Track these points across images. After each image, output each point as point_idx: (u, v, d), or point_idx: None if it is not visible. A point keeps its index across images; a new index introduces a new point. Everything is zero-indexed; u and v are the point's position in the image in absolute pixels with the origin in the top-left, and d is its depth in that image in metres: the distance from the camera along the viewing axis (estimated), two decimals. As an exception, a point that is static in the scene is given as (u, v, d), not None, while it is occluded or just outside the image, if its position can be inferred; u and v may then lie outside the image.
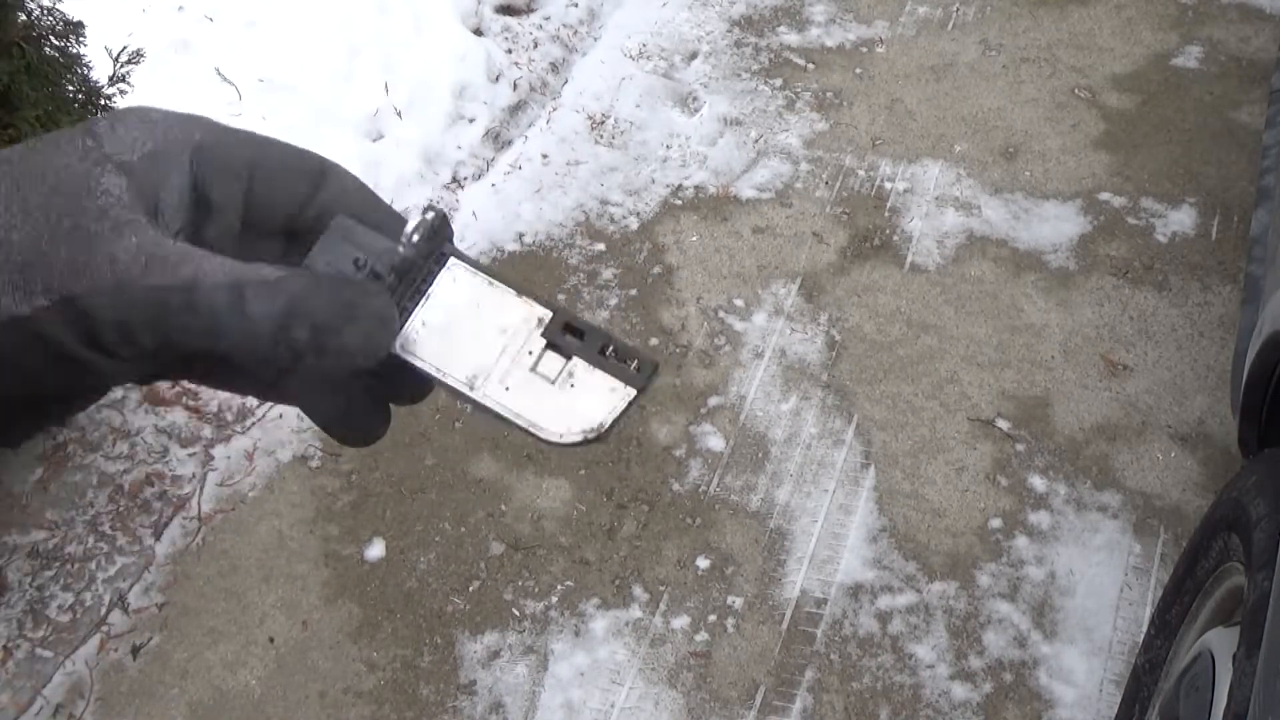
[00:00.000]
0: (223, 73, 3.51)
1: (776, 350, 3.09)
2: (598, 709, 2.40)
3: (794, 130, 3.76)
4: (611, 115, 3.83)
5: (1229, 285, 3.21)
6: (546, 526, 2.71)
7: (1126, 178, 3.56)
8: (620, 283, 3.28)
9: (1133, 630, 2.49)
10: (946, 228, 3.42)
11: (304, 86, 3.56)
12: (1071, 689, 2.41)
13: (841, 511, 2.73)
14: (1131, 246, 3.35)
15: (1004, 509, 2.72)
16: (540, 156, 3.68)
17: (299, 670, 2.47)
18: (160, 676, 2.46)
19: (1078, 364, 3.03)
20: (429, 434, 2.90)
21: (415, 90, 3.67)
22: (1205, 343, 3.08)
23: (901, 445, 2.86)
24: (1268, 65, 3.80)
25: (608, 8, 4.31)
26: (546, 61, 4.01)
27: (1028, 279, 3.26)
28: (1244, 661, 1.60)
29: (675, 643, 2.50)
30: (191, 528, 2.70)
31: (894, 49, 4.09)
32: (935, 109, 3.83)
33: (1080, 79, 3.92)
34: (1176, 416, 2.90)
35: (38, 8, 2.34)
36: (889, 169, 3.62)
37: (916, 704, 2.40)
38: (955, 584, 2.59)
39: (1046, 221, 3.43)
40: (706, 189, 3.57)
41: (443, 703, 2.42)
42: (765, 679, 2.44)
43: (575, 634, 2.52)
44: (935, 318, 3.16)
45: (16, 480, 2.71)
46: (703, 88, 3.93)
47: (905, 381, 3.00)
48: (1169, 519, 2.69)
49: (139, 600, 2.57)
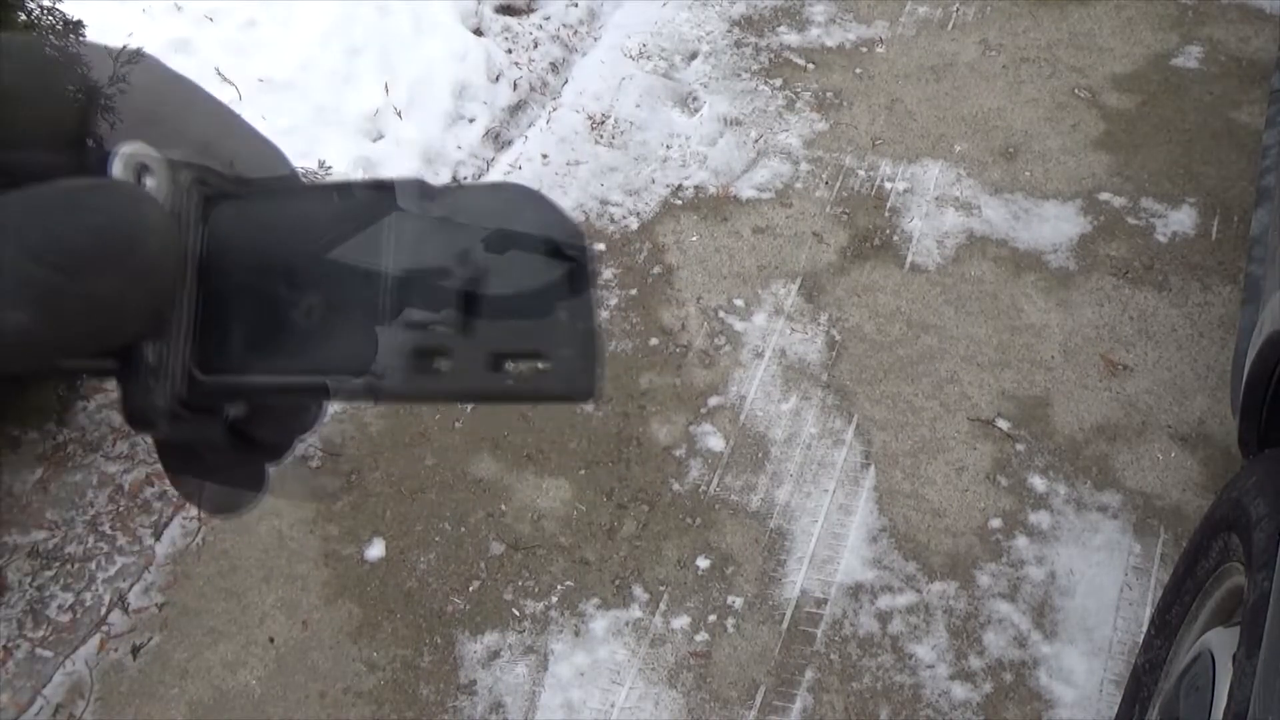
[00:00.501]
0: (223, 73, 3.51)
1: (776, 350, 3.09)
2: (598, 709, 2.40)
3: (794, 130, 3.76)
4: (611, 115, 3.83)
5: (1229, 285, 3.21)
6: (546, 526, 2.71)
7: (1126, 178, 3.56)
8: (620, 283, 3.28)
9: (1133, 630, 2.49)
10: (946, 228, 3.42)
11: (304, 86, 3.56)
12: (1071, 689, 2.41)
13: (841, 511, 2.73)
14: (1131, 246, 3.35)
15: (1004, 509, 2.72)
16: (540, 156, 3.68)
17: (299, 670, 2.47)
18: (160, 676, 2.46)
19: (1078, 364, 3.03)
20: (429, 434, 2.90)
21: (415, 90, 3.67)
22: (1205, 343, 3.08)
23: (901, 445, 2.86)
24: (1268, 65, 3.79)
25: (608, 8, 4.31)
26: (546, 61, 4.01)
27: (1028, 279, 3.26)
28: (1244, 661, 1.60)
29: (675, 643, 2.50)
30: (191, 528, 2.70)
31: (894, 49, 4.09)
32: (935, 109, 3.83)
33: (1080, 79, 3.92)
34: (1176, 416, 2.90)
35: (37, 7, 2.34)
36: (889, 169, 3.62)
37: (916, 704, 2.40)
38: (955, 584, 2.59)
39: (1046, 221, 3.43)
40: (706, 189, 3.57)
41: (443, 703, 2.42)
42: (765, 679, 2.44)
43: (575, 634, 2.52)
44: (935, 318, 3.16)
45: (16, 480, 2.71)
46: (703, 88, 3.93)
47: (905, 381, 3.00)
48: (1169, 519, 2.69)
49: (139, 600, 2.57)
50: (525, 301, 0.33)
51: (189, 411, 0.34)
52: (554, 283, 0.33)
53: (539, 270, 0.33)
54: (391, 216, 0.35)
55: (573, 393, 0.33)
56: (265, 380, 0.34)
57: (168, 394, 0.34)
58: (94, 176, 0.31)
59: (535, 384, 0.33)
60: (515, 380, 0.33)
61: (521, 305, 0.33)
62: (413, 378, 0.33)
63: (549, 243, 0.34)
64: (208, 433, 0.35)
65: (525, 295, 0.33)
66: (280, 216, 0.36)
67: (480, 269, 0.34)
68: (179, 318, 0.34)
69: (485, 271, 0.34)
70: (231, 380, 0.35)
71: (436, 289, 0.34)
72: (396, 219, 0.35)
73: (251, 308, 0.35)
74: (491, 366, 0.33)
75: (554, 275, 0.33)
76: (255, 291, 0.35)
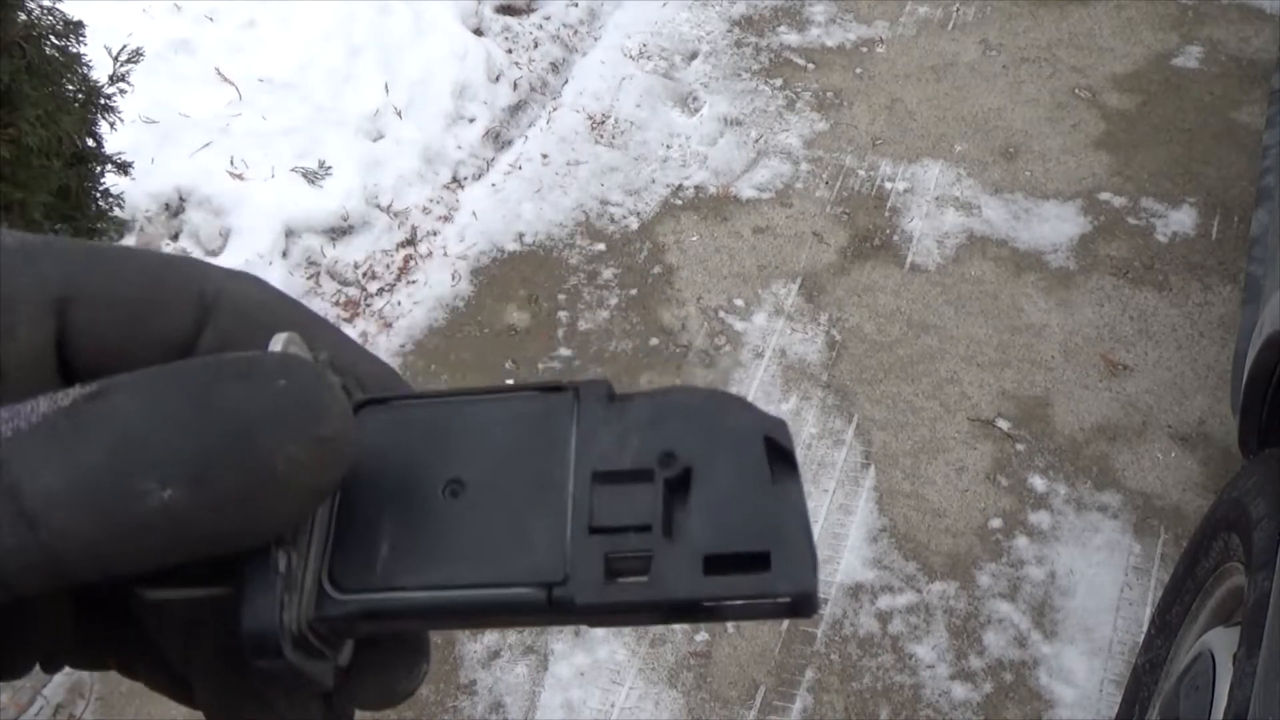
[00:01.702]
0: (223, 72, 3.51)
1: (777, 350, 3.09)
2: (598, 709, 2.40)
3: (794, 130, 3.76)
4: (612, 115, 3.83)
5: (1229, 285, 3.21)
6: (546, 526, 2.71)
7: (1127, 178, 3.56)
8: (620, 283, 3.28)
9: (1133, 630, 2.49)
10: (947, 228, 3.42)
11: (304, 86, 3.56)
12: (1072, 689, 2.41)
13: (842, 511, 2.73)
14: (1132, 246, 3.35)
15: (1004, 509, 2.72)
16: (540, 156, 3.68)
17: (299, 670, 2.47)
18: (160, 676, 2.46)
19: (1078, 364, 3.03)
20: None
21: (415, 90, 3.67)
22: (1205, 343, 3.08)
23: (901, 445, 2.86)
24: (1268, 65, 3.79)
25: (608, 8, 4.31)
26: (547, 61, 4.01)
27: (1028, 279, 3.26)
28: (1244, 661, 1.60)
29: (675, 642, 2.50)
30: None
31: (894, 49, 4.09)
32: (935, 109, 3.83)
33: (1080, 79, 3.92)
34: (1177, 416, 2.90)
35: (38, 7, 2.34)
36: (889, 169, 3.62)
37: (916, 704, 2.40)
38: (955, 584, 2.59)
39: (1047, 221, 3.43)
40: (706, 189, 3.57)
41: (443, 702, 2.42)
42: (765, 679, 2.44)
43: (575, 633, 2.52)
44: (935, 318, 3.16)
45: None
46: (703, 88, 3.94)
47: (905, 381, 3.00)
48: (1169, 519, 2.69)
49: (139, 600, 2.57)
50: (735, 501, 0.29)
51: (318, 637, 0.28)
52: (763, 479, 0.29)
53: (746, 468, 0.29)
54: (575, 420, 0.30)
55: (796, 589, 0.28)
56: (419, 597, 0.28)
57: (297, 612, 0.28)
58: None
59: (752, 584, 0.28)
60: (728, 585, 0.28)
61: (731, 505, 0.29)
62: (610, 587, 0.28)
63: (753, 437, 0.30)
64: (315, 673, 0.28)
65: (734, 494, 0.29)
66: (440, 423, 0.31)
67: (681, 469, 0.29)
68: (310, 524, 0.28)
69: (687, 471, 0.29)
70: (375, 599, 0.28)
71: (633, 494, 0.29)
72: (583, 421, 0.30)
73: (403, 521, 0.29)
74: (704, 570, 0.28)
75: (762, 471, 0.29)
76: (408, 503, 0.29)
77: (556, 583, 0.28)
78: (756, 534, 0.28)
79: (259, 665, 0.27)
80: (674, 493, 0.29)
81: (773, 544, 0.28)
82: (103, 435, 0.23)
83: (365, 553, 0.29)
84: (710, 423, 0.30)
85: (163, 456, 0.23)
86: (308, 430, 0.25)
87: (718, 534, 0.28)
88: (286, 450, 0.24)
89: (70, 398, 0.24)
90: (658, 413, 0.30)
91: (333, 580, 0.28)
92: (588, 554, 0.28)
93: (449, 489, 0.30)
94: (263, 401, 0.24)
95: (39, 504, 0.23)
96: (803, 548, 0.28)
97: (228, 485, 0.24)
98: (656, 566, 0.28)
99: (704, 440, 0.30)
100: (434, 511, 0.29)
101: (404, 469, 0.30)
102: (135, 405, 0.24)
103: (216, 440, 0.24)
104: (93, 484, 0.23)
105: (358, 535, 0.29)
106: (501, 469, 0.30)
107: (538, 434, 0.30)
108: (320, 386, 0.25)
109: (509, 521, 0.29)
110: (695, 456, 0.29)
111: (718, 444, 0.30)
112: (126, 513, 0.23)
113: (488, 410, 0.31)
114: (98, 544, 0.23)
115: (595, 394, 0.31)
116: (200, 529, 0.24)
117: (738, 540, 0.28)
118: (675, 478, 0.29)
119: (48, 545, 0.23)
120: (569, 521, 0.29)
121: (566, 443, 0.30)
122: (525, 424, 0.30)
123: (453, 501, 0.29)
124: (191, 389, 0.24)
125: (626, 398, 0.31)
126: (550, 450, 0.30)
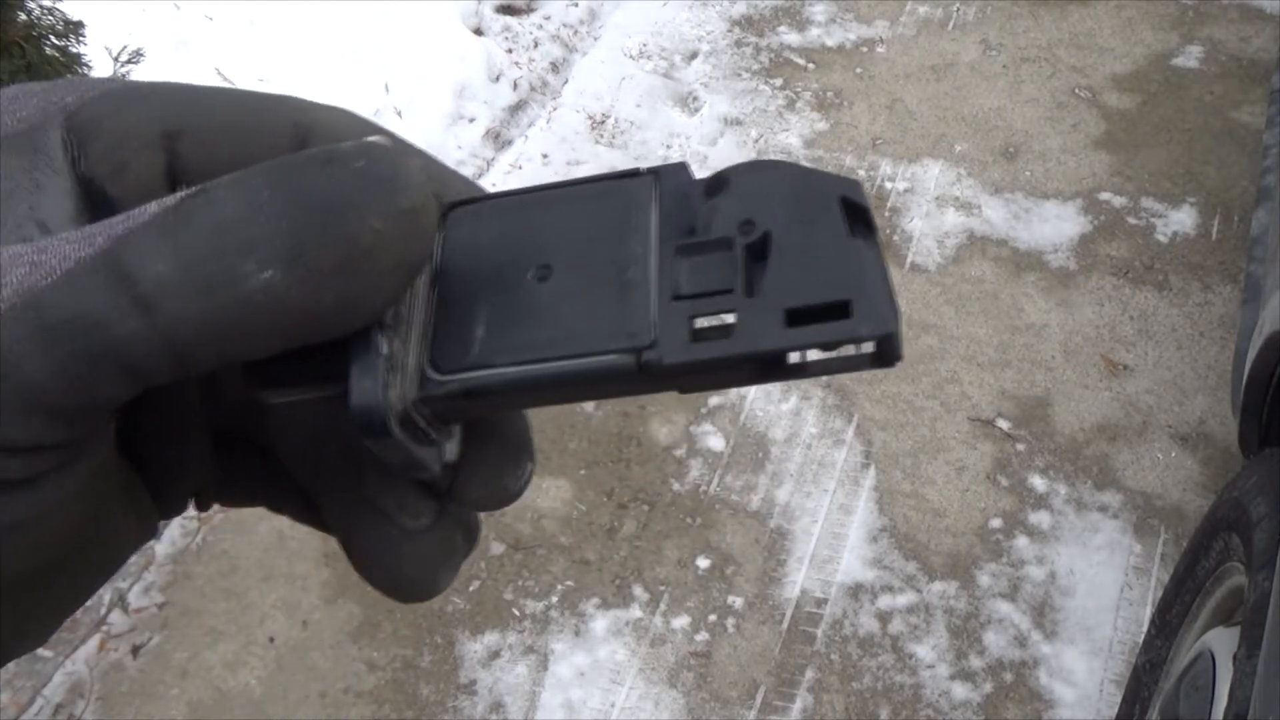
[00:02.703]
0: (223, 73, 3.51)
1: (777, 350, 3.09)
2: (598, 709, 2.40)
3: (794, 130, 3.76)
4: (612, 115, 3.83)
5: (1229, 285, 3.21)
6: (547, 526, 2.71)
7: (1127, 177, 3.56)
8: (620, 282, 3.28)
9: (1133, 630, 2.49)
10: (947, 227, 3.42)
11: (304, 86, 3.56)
12: (1072, 689, 2.41)
13: (842, 511, 2.73)
14: (1132, 246, 3.35)
15: (1004, 509, 2.72)
16: (540, 156, 3.68)
17: (299, 670, 2.47)
18: (160, 676, 2.46)
19: (1078, 364, 3.03)
20: (429, 434, 2.90)
21: (415, 90, 3.67)
22: (1205, 343, 3.08)
23: (902, 445, 2.86)
24: (1268, 65, 3.79)
25: (608, 8, 4.31)
26: (547, 61, 4.02)
27: (1028, 279, 3.26)
28: (1244, 661, 1.60)
29: (675, 642, 2.50)
30: (191, 527, 2.70)
31: (894, 49, 4.09)
32: (935, 109, 3.83)
33: (1080, 79, 3.92)
34: (1177, 416, 2.90)
35: (38, 7, 2.34)
36: (889, 169, 3.62)
37: (917, 704, 2.40)
38: (955, 584, 2.59)
39: (1047, 221, 3.43)
40: (707, 189, 3.57)
41: (443, 702, 2.42)
42: (765, 679, 2.44)
43: (575, 634, 2.52)
44: (935, 317, 3.16)
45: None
46: (703, 87, 3.94)
47: (905, 381, 3.00)
48: (1169, 519, 2.69)
49: (139, 600, 2.57)
50: (813, 258, 0.30)
51: (423, 419, 0.29)
52: (840, 235, 0.30)
53: (823, 227, 0.30)
54: (656, 199, 0.31)
55: (879, 330, 0.28)
56: (515, 372, 0.29)
57: (401, 392, 0.29)
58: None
59: (835, 331, 0.28)
60: (811, 334, 0.28)
61: (810, 262, 0.29)
62: (696, 346, 0.29)
63: (829, 198, 0.30)
64: (424, 458, 0.29)
65: (813, 252, 0.30)
66: (526, 215, 0.32)
67: (760, 234, 0.30)
68: (409, 315, 0.30)
69: (766, 236, 0.30)
70: (474, 376, 0.29)
71: (715, 262, 0.30)
72: (663, 200, 0.31)
73: (496, 306, 0.30)
74: (787, 322, 0.29)
75: (839, 228, 0.30)
76: (500, 289, 0.31)
77: (644, 347, 0.29)
78: (836, 285, 0.29)
79: (369, 444, 0.28)
80: (754, 258, 0.30)
81: (853, 293, 0.29)
82: (204, 225, 0.25)
83: (463, 337, 0.30)
84: (785, 189, 0.31)
85: (259, 240, 0.25)
86: (388, 204, 0.26)
87: (798, 288, 0.29)
88: (370, 224, 0.26)
89: (176, 198, 0.26)
90: (734, 185, 0.31)
91: (434, 364, 0.30)
92: (673, 319, 0.29)
93: (538, 273, 0.31)
94: (344, 182, 0.26)
95: (152, 290, 0.24)
96: (883, 294, 0.29)
97: (319, 262, 0.25)
98: (740, 323, 0.29)
99: (781, 206, 0.31)
100: (525, 295, 0.31)
101: (495, 260, 0.31)
102: (231, 197, 0.25)
103: (305, 222, 0.25)
104: (199, 269, 0.25)
105: (455, 322, 0.30)
106: (587, 251, 0.31)
107: (620, 216, 0.31)
108: (397, 165, 0.27)
109: (597, 297, 0.30)
110: (773, 222, 0.30)
111: (794, 208, 0.30)
112: (232, 293, 0.25)
113: (571, 199, 0.32)
114: (209, 326, 0.25)
115: (674, 174, 0.32)
116: (300, 306, 0.26)
117: (818, 292, 0.29)
118: (755, 243, 0.30)
119: (165, 329, 0.25)
120: (653, 292, 0.30)
121: (648, 221, 0.31)
122: (608, 208, 0.32)
123: (542, 284, 0.31)
124: (280, 179, 0.26)
125: (703, 178, 0.32)
126: (633, 230, 0.31)
